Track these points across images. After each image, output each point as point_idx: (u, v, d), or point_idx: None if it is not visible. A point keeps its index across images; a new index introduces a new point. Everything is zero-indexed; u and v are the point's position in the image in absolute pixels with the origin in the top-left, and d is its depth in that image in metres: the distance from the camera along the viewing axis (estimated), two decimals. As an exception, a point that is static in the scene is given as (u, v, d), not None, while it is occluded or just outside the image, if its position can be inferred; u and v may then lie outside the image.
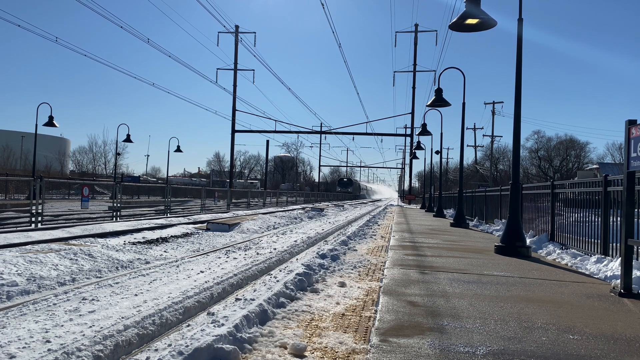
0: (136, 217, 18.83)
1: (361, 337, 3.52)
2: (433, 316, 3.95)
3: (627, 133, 5.10)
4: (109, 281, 6.39)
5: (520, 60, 8.57)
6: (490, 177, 60.50)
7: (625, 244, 5.04)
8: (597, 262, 6.83)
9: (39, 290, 5.92)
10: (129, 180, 52.14)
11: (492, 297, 4.79)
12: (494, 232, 13.63)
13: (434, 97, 15.72)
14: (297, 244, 11.42)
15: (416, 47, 50.67)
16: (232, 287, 6.34)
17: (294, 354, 3.14)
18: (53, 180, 24.48)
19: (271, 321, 3.93)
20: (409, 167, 58.41)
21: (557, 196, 9.60)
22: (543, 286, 5.54)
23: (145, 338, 4.18)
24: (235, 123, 47.82)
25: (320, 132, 57.06)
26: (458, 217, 16.80)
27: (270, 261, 8.54)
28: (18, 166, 62.05)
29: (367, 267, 6.95)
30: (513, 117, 8.76)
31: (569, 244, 8.67)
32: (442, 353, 3.05)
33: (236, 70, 46.96)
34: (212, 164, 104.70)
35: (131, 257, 8.66)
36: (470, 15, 8.49)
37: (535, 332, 3.58)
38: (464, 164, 19.94)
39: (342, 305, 4.53)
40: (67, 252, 8.18)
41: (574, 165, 71.98)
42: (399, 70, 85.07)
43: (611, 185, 7.23)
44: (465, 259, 7.73)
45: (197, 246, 10.99)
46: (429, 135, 26.43)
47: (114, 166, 61.58)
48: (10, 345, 3.66)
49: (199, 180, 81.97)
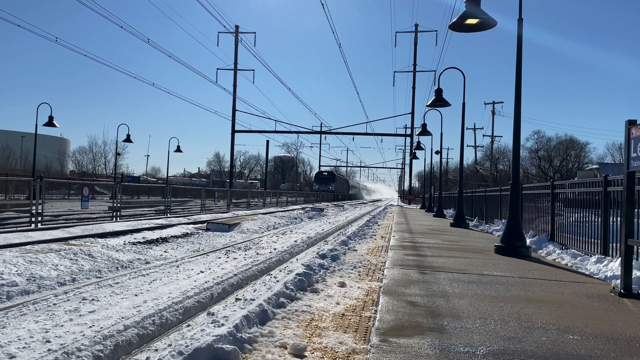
0: (136, 217, 18.83)
1: (361, 337, 3.52)
2: (433, 316, 3.95)
3: (627, 133, 5.10)
4: (109, 281, 6.40)
5: (520, 60, 8.57)
6: (490, 177, 60.51)
7: (625, 244, 5.04)
8: (597, 262, 6.83)
9: (39, 290, 5.92)
10: (129, 181, 52.18)
11: (492, 297, 4.79)
12: (494, 232, 13.63)
13: (434, 97, 15.72)
14: (297, 244, 11.42)
15: (416, 47, 50.73)
16: (232, 287, 6.34)
17: (294, 354, 3.15)
18: (53, 180, 24.46)
19: (271, 321, 3.93)
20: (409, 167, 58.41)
21: (557, 196, 9.60)
22: (543, 286, 5.54)
23: (145, 338, 4.18)
24: (235, 123, 47.89)
25: (320, 132, 57.11)
26: (458, 217, 16.80)
27: (270, 261, 8.54)
28: (18, 166, 62.06)
29: (367, 267, 6.95)
30: (513, 117, 8.77)
31: (569, 244, 8.67)
32: (442, 353, 3.05)
33: (236, 70, 47.00)
34: (212, 164, 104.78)
35: (131, 257, 8.66)
36: (470, 15, 8.49)
37: (535, 332, 3.58)
38: (464, 164, 19.96)
39: (342, 306, 4.53)
40: (67, 252, 8.18)
41: (574, 165, 71.99)
42: (399, 70, 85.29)
43: (611, 186, 7.23)
44: (465, 259, 7.73)
45: (197, 246, 10.99)
46: (429, 135, 26.45)
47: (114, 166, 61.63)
48: (10, 345, 3.66)
49: (199, 181, 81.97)
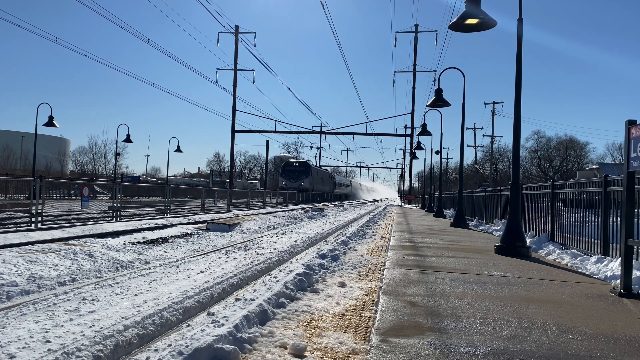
0: (136, 217, 18.83)
1: (361, 337, 3.52)
2: (433, 316, 3.95)
3: (627, 133, 5.10)
4: (109, 281, 6.40)
5: (520, 60, 8.57)
6: (490, 177, 60.50)
7: (625, 244, 5.04)
8: (597, 262, 6.83)
9: (39, 290, 5.92)
10: (129, 181, 52.18)
11: (492, 297, 4.79)
12: (494, 232, 13.63)
13: (434, 97, 15.72)
14: (297, 244, 11.42)
15: (416, 47, 50.69)
16: (232, 287, 6.34)
17: (294, 354, 3.15)
18: (53, 180, 24.47)
19: (271, 321, 3.93)
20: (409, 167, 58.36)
21: (557, 196, 9.60)
22: (543, 286, 5.54)
23: (145, 338, 4.18)
24: (235, 123, 47.86)
25: (320, 132, 57.07)
26: (458, 217, 16.79)
27: (270, 261, 8.54)
28: (18, 166, 62.06)
29: (367, 267, 6.95)
30: (513, 117, 8.77)
31: (569, 244, 8.67)
32: (442, 353, 3.05)
33: (236, 70, 47.00)
34: (212, 164, 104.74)
35: (131, 257, 8.66)
36: (470, 15, 8.49)
37: (535, 332, 3.58)
38: (464, 164, 19.96)
39: (342, 306, 4.53)
40: (67, 252, 8.18)
41: (574, 165, 71.97)
42: (399, 70, 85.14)
43: (611, 186, 7.23)
44: (465, 259, 7.73)
45: (197, 246, 10.99)
46: (429, 136, 26.45)
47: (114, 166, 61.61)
48: (10, 345, 3.66)
49: (199, 181, 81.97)
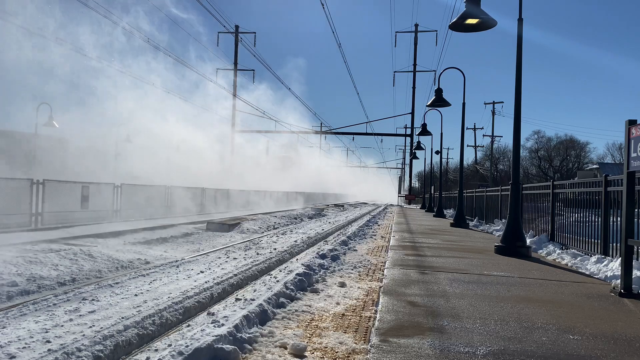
0: (136, 218, 18.81)
1: (361, 337, 3.52)
2: (433, 316, 3.95)
3: (627, 133, 5.10)
4: (109, 281, 6.39)
5: (520, 60, 8.57)
6: (490, 177, 60.48)
7: (625, 244, 5.04)
8: (597, 262, 6.82)
9: (38, 290, 5.92)
10: (129, 180, 52.07)
11: (492, 297, 4.79)
12: (494, 232, 13.63)
13: (434, 97, 15.73)
14: (297, 244, 11.41)
15: (416, 47, 50.64)
16: (232, 287, 6.34)
17: (294, 354, 3.15)
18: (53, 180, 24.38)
19: (271, 321, 3.93)
20: (409, 167, 58.38)
21: (557, 196, 9.60)
22: (543, 286, 5.54)
23: (145, 338, 4.18)
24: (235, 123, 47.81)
25: (320, 132, 57.05)
26: (458, 217, 16.79)
27: (270, 261, 8.54)
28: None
29: (367, 267, 6.95)
30: (513, 117, 8.77)
31: (569, 244, 8.66)
32: (442, 353, 3.05)
33: (236, 70, 46.93)
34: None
35: (131, 257, 8.66)
36: (470, 15, 8.49)
37: (535, 332, 3.58)
38: (464, 164, 19.96)
39: (342, 306, 4.53)
40: (67, 252, 8.18)
41: (574, 165, 71.97)
42: (399, 70, 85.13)
43: (611, 186, 7.22)
44: (465, 259, 7.73)
45: (197, 246, 10.99)
46: (429, 135, 26.47)
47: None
48: (10, 346, 3.66)
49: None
